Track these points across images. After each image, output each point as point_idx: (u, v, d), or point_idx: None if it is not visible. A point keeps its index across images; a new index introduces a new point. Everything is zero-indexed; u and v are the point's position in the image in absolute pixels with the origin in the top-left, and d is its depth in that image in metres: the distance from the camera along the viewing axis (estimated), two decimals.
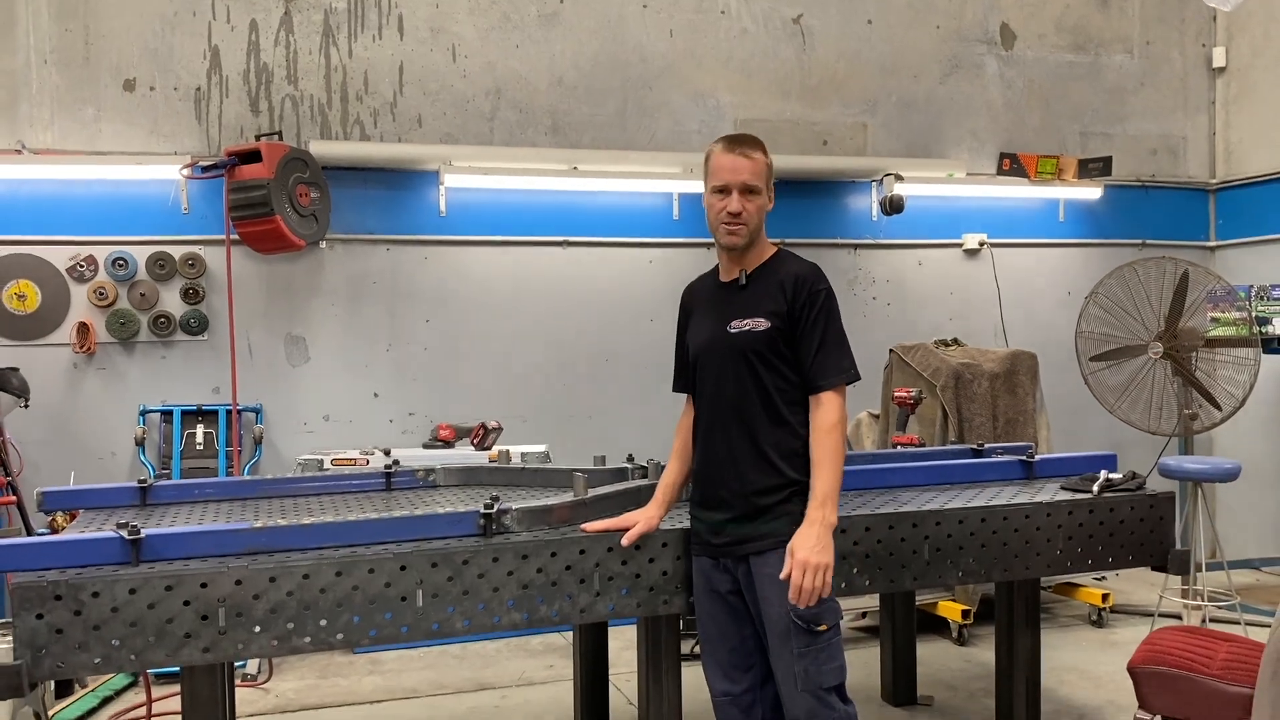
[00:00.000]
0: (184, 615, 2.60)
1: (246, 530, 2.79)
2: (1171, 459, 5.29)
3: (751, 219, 2.88)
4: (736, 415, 2.88)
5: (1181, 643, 3.27)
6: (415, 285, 5.80)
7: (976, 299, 6.76)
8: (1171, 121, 7.21)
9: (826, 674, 2.79)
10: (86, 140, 5.32)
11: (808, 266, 2.92)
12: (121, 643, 2.56)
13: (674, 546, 3.03)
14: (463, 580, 2.81)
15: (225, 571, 2.64)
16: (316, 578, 2.70)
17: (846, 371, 2.84)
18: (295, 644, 2.70)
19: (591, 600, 2.95)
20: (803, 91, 6.42)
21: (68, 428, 5.31)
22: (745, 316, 2.87)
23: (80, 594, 2.53)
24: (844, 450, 2.80)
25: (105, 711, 4.54)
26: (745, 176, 2.85)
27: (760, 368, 2.85)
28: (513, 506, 3.00)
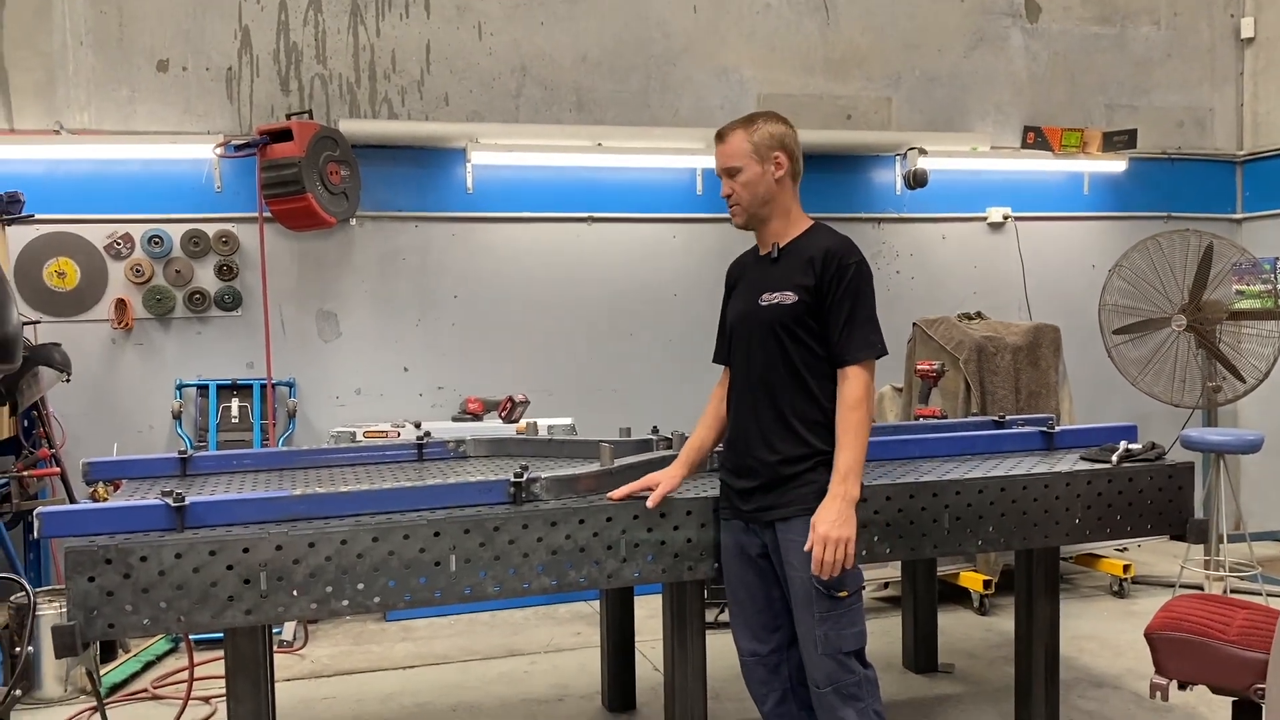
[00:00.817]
0: (227, 579, 2.71)
1: (286, 498, 2.90)
2: (1194, 431, 5.31)
3: (741, 197, 2.94)
4: (764, 386, 2.95)
5: (1199, 609, 3.32)
6: (443, 261, 5.89)
7: (1000, 273, 6.77)
8: (1198, 93, 7.17)
9: (846, 638, 2.86)
10: (122, 120, 5.43)
11: (838, 240, 2.94)
12: (168, 605, 2.67)
13: (699, 514, 3.10)
14: (494, 546, 2.91)
15: (266, 537, 2.74)
16: (354, 543, 2.80)
17: (874, 346, 2.86)
18: (334, 607, 2.81)
19: (618, 566, 3.03)
20: (826, 66, 6.44)
21: (107, 402, 5.45)
22: (775, 290, 2.92)
23: (129, 558, 2.64)
24: (869, 425, 2.84)
25: (147, 675, 4.69)
26: (722, 161, 2.97)
27: (787, 340, 2.90)
28: (542, 475, 3.09)
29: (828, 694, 2.87)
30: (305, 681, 4.65)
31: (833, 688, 2.86)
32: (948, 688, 4.42)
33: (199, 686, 4.22)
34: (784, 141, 2.95)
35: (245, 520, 2.84)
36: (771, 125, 2.95)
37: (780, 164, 2.93)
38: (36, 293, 5.32)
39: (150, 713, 4.31)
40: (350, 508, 2.93)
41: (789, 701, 3.07)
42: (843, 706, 2.86)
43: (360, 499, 2.94)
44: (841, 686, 2.86)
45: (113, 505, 2.85)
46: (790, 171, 2.96)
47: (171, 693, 4.46)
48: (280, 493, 2.95)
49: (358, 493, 2.95)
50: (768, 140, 2.93)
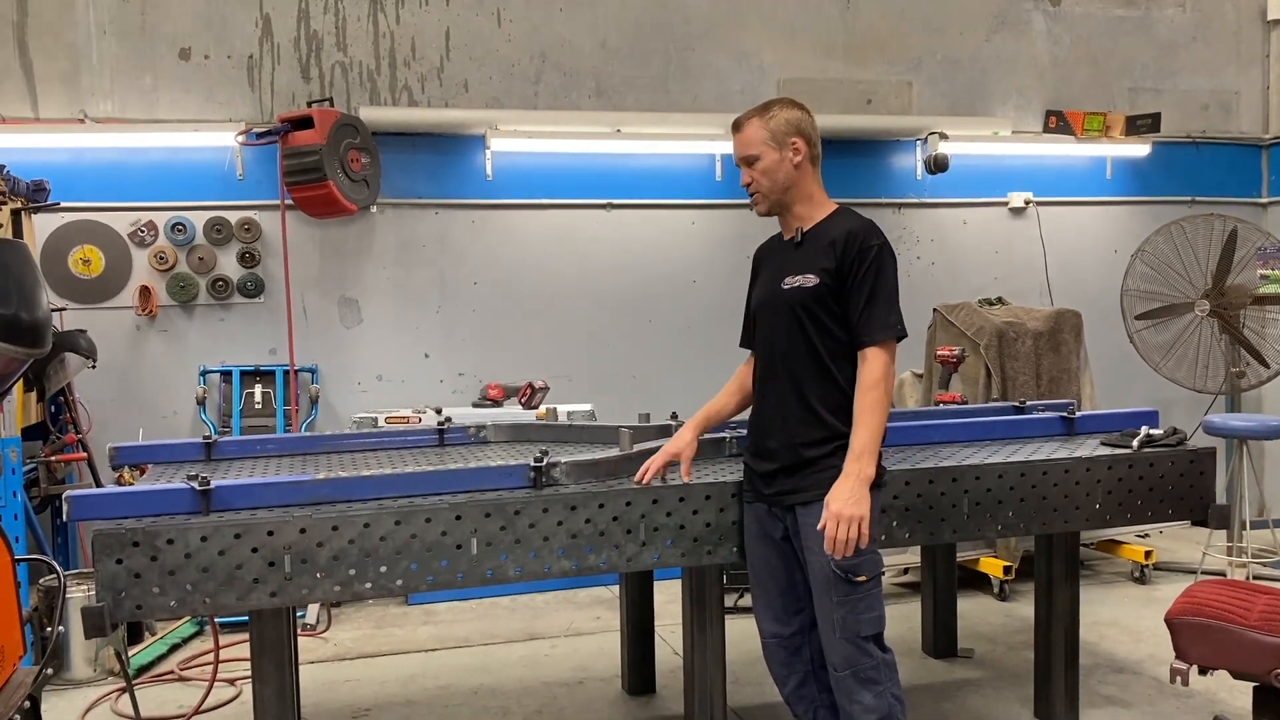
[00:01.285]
0: (252, 562, 2.75)
1: (310, 481, 2.93)
2: (1217, 416, 5.28)
3: (761, 185, 2.95)
4: (785, 369, 2.96)
5: (1219, 594, 3.31)
6: (463, 248, 5.91)
7: (1022, 258, 6.74)
8: (1224, 76, 7.09)
9: (864, 623, 2.87)
10: (145, 109, 5.47)
11: (860, 223, 2.93)
12: (194, 587, 2.71)
13: (717, 498, 3.12)
14: (514, 530, 2.93)
15: (290, 520, 2.77)
16: (376, 526, 2.83)
17: (893, 327, 2.85)
18: (357, 589, 2.84)
19: (638, 550, 3.06)
20: (846, 50, 6.41)
21: (132, 388, 5.51)
22: (797, 273, 2.93)
23: (156, 541, 2.68)
24: (886, 406, 2.84)
25: (173, 658, 4.76)
26: (739, 150, 2.98)
27: (809, 323, 2.90)
28: (562, 460, 3.11)
29: (845, 677, 2.89)
30: (328, 664, 4.70)
31: (850, 671, 2.88)
32: (967, 672, 4.43)
33: (224, 669, 4.27)
34: (800, 126, 2.94)
35: (269, 504, 2.88)
36: (787, 111, 2.95)
37: (798, 149, 2.93)
38: (62, 280, 5.38)
39: (176, 694, 4.37)
40: (373, 491, 2.96)
41: (810, 684, 3.10)
42: (860, 690, 2.88)
43: (383, 483, 2.98)
44: (859, 670, 2.87)
45: (139, 489, 2.89)
46: (809, 156, 2.95)
47: (197, 674, 4.53)
48: (304, 476, 2.98)
49: (380, 476, 2.98)
50: (784, 126, 2.93)
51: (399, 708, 4.18)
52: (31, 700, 2.20)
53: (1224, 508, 3.61)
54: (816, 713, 3.12)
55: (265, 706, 3.02)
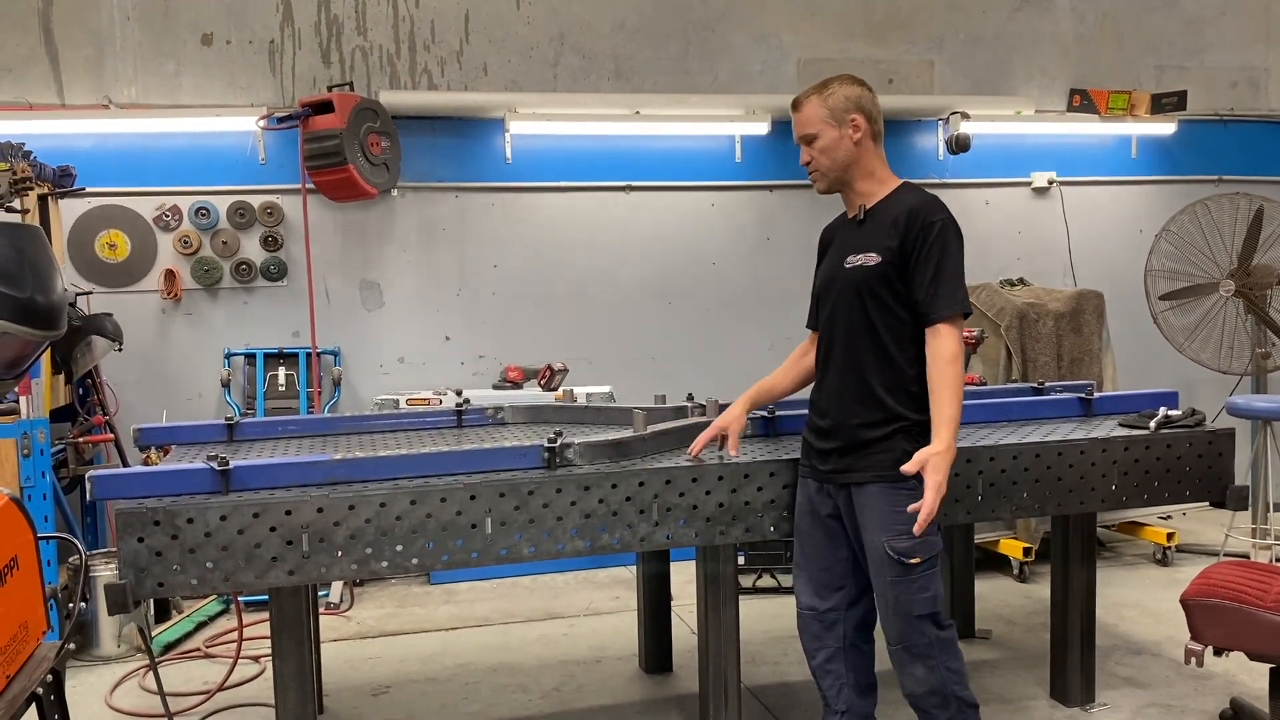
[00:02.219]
0: (270, 540, 2.79)
1: (327, 461, 2.97)
2: (1241, 398, 5.23)
3: (820, 163, 2.94)
4: (846, 349, 2.97)
5: (1236, 576, 3.29)
6: (483, 231, 5.94)
7: (1045, 238, 6.69)
8: (1253, 53, 6.99)
9: (917, 603, 2.89)
10: (168, 94, 5.53)
11: (924, 198, 2.91)
12: (214, 565, 2.76)
13: (729, 480, 3.13)
14: (528, 509, 2.96)
15: (308, 500, 2.82)
16: (393, 506, 2.87)
17: (960, 302, 2.85)
18: (374, 568, 2.88)
19: (651, 530, 3.08)
20: (867, 30, 6.37)
21: (158, 370, 5.59)
22: (859, 252, 2.92)
23: (176, 520, 2.73)
24: (963, 380, 2.85)
25: (200, 635, 4.84)
26: (798, 129, 2.97)
27: (871, 302, 2.90)
28: (575, 441, 3.13)
29: (898, 650, 2.96)
30: (351, 642, 4.77)
31: (902, 645, 2.94)
32: (985, 653, 4.42)
33: (248, 646, 4.34)
34: (860, 103, 2.92)
35: (287, 483, 2.92)
36: (847, 88, 2.93)
37: (858, 126, 2.91)
38: (89, 264, 5.46)
39: (202, 670, 4.45)
40: (389, 471, 3.00)
41: (839, 660, 3.14)
42: (912, 663, 2.94)
43: (398, 463, 3.01)
44: (911, 645, 2.93)
45: (161, 469, 2.94)
46: (870, 133, 2.93)
47: (222, 652, 4.60)
48: (321, 456, 3.02)
49: (396, 457, 3.02)
50: (843, 103, 2.90)
51: (418, 685, 4.24)
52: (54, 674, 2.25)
53: (1242, 489, 3.58)
54: (841, 690, 3.15)
55: (285, 683, 3.07)
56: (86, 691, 4.23)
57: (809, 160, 2.97)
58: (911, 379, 2.89)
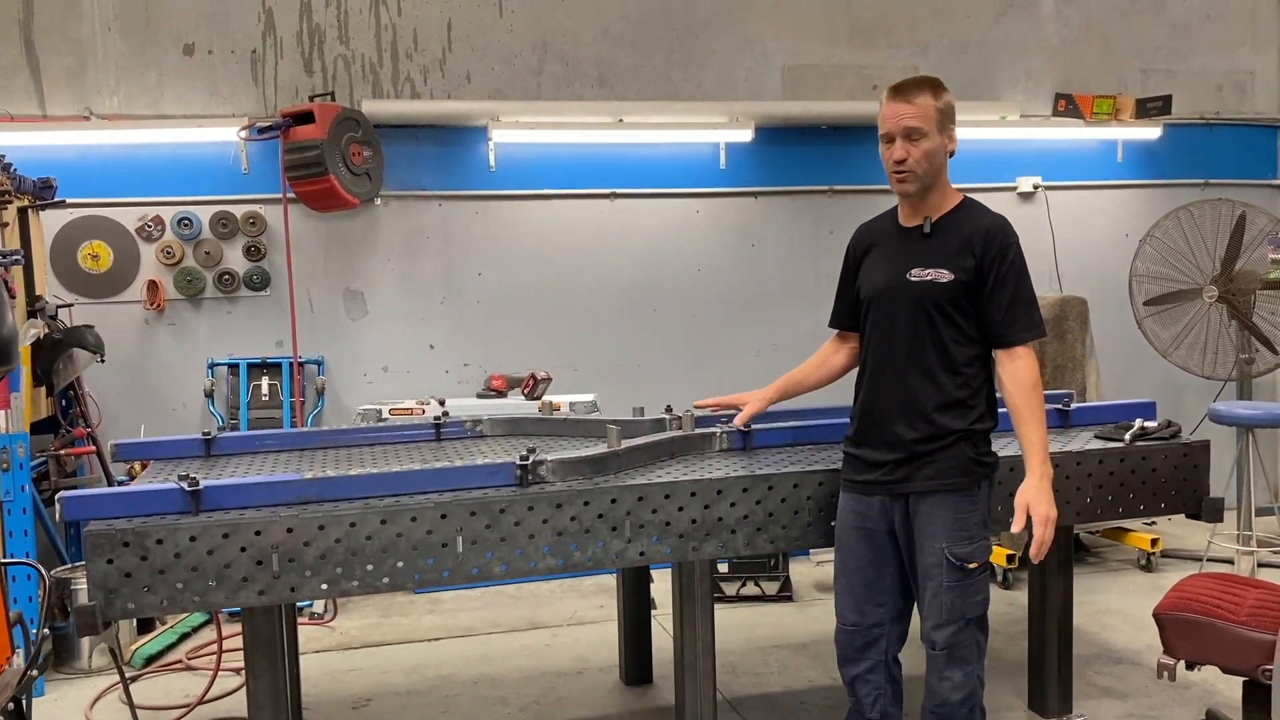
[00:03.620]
0: (240, 561, 2.80)
1: (298, 481, 2.97)
2: (1223, 405, 5.24)
3: (919, 164, 2.84)
4: (908, 362, 2.93)
5: (1210, 589, 3.30)
6: (467, 239, 5.94)
7: (1030, 243, 6.47)
8: (1238, 56, 6.98)
9: (971, 605, 2.93)
10: (150, 104, 5.52)
11: (998, 221, 2.91)
12: (185, 585, 2.77)
13: (703, 495, 3.13)
14: (500, 528, 2.96)
15: (278, 520, 2.82)
16: (363, 525, 2.87)
17: (1038, 327, 2.89)
18: (344, 587, 2.89)
19: (624, 546, 3.08)
20: (852, 35, 6.36)
21: (142, 381, 5.59)
22: (928, 266, 2.88)
23: (146, 541, 2.74)
24: (1044, 407, 2.88)
25: (182, 647, 4.84)
26: (906, 121, 2.82)
27: (939, 319, 2.88)
28: (548, 458, 3.13)
29: (941, 655, 2.96)
30: (333, 654, 4.77)
31: (947, 650, 2.94)
32: None
33: (230, 658, 4.34)
34: (955, 116, 2.91)
35: (258, 503, 2.92)
36: (949, 94, 2.89)
37: (953, 138, 2.90)
38: (71, 275, 5.46)
39: (184, 683, 4.45)
40: (360, 491, 3.00)
41: (879, 672, 3.11)
42: (951, 668, 2.95)
43: (369, 482, 3.01)
44: (955, 649, 2.94)
45: (131, 490, 2.95)
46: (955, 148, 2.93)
47: (204, 664, 4.61)
48: (291, 476, 3.02)
49: (367, 476, 3.02)
50: (949, 110, 2.88)
51: (399, 698, 4.24)
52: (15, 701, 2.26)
53: (1217, 501, 3.59)
54: (878, 700, 3.12)
55: (259, 701, 3.07)
56: (67, 705, 4.24)
57: (905, 157, 2.83)
58: (973, 392, 2.91)
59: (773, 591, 5.33)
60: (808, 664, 4.44)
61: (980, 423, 2.91)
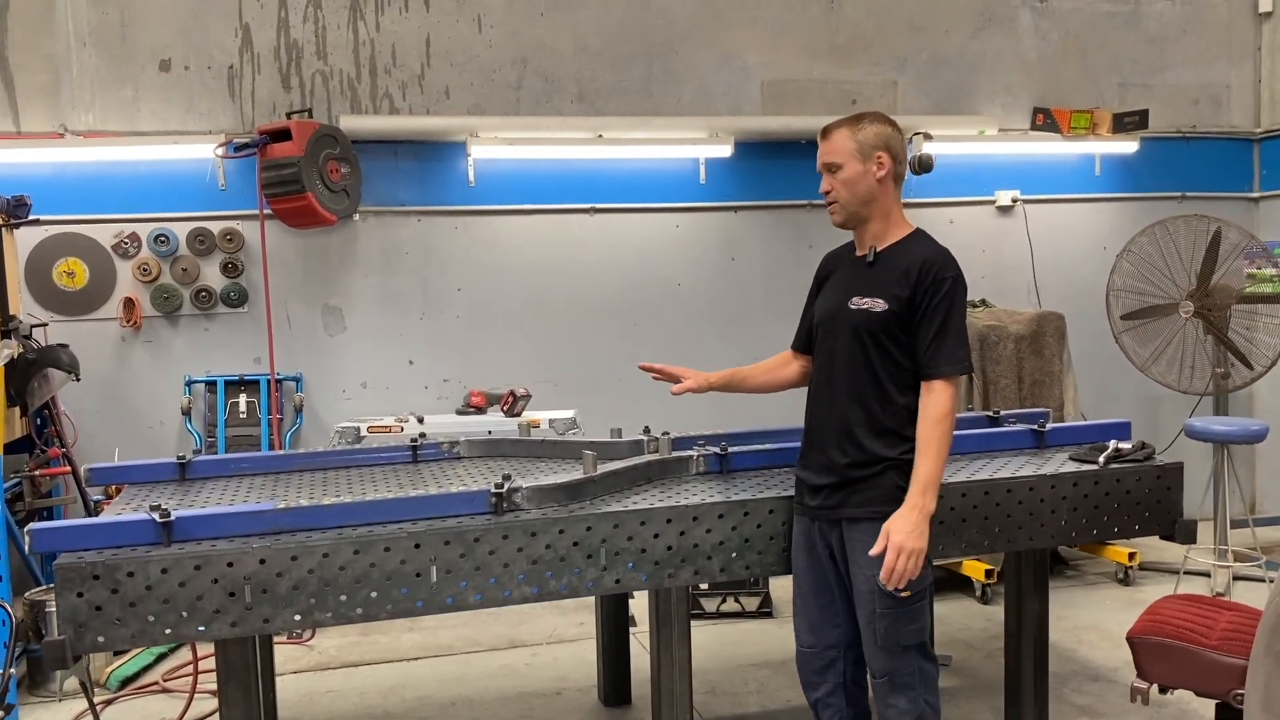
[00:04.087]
0: (212, 592, 2.78)
1: (270, 511, 2.95)
2: (1199, 420, 5.27)
3: (840, 193, 2.95)
4: (843, 388, 2.99)
5: (1183, 612, 3.32)
6: (447, 255, 5.92)
7: (1009, 257, 6.71)
8: (1214, 70, 7.03)
9: (906, 634, 2.93)
10: (126, 120, 5.49)
11: (937, 251, 2.94)
12: (156, 618, 2.75)
13: (679, 521, 3.13)
14: (474, 557, 2.95)
15: (250, 551, 2.80)
16: (336, 556, 2.86)
17: (961, 363, 2.89)
18: (317, 618, 2.87)
19: (599, 574, 3.07)
20: (831, 50, 6.38)
21: (118, 399, 5.55)
22: (866, 295, 2.95)
23: (116, 574, 2.71)
24: (950, 440, 2.87)
25: (159, 668, 4.81)
26: (824, 157, 2.98)
27: (872, 347, 2.93)
28: (523, 485, 3.13)
29: (883, 683, 2.98)
30: (311, 674, 4.75)
31: (888, 677, 2.96)
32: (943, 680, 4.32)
33: (207, 679, 4.32)
34: (888, 142, 2.95)
35: (231, 533, 2.91)
36: (877, 125, 2.95)
37: (882, 164, 2.93)
38: (47, 293, 5.42)
39: (160, 706, 4.42)
40: (333, 520, 2.98)
41: (839, 694, 3.14)
42: (894, 694, 2.97)
43: (343, 511, 3.00)
44: (896, 676, 2.96)
45: (101, 521, 2.92)
46: (893, 173, 2.96)
47: (181, 686, 4.57)
48: (265, 506, 3.00)
49: (340, 505, 3.00)
50: (872, 139, 2.93)
51: None
52: None
53: (1190, 523, 3.61)
54: None
55: None
56: None
57: (829, 190, 2.98)
58: (905, 421, 2.93)
59: (753, 608, 5.34)
60: (786, 683, 4.43)
61: (912, 454, 2.91)
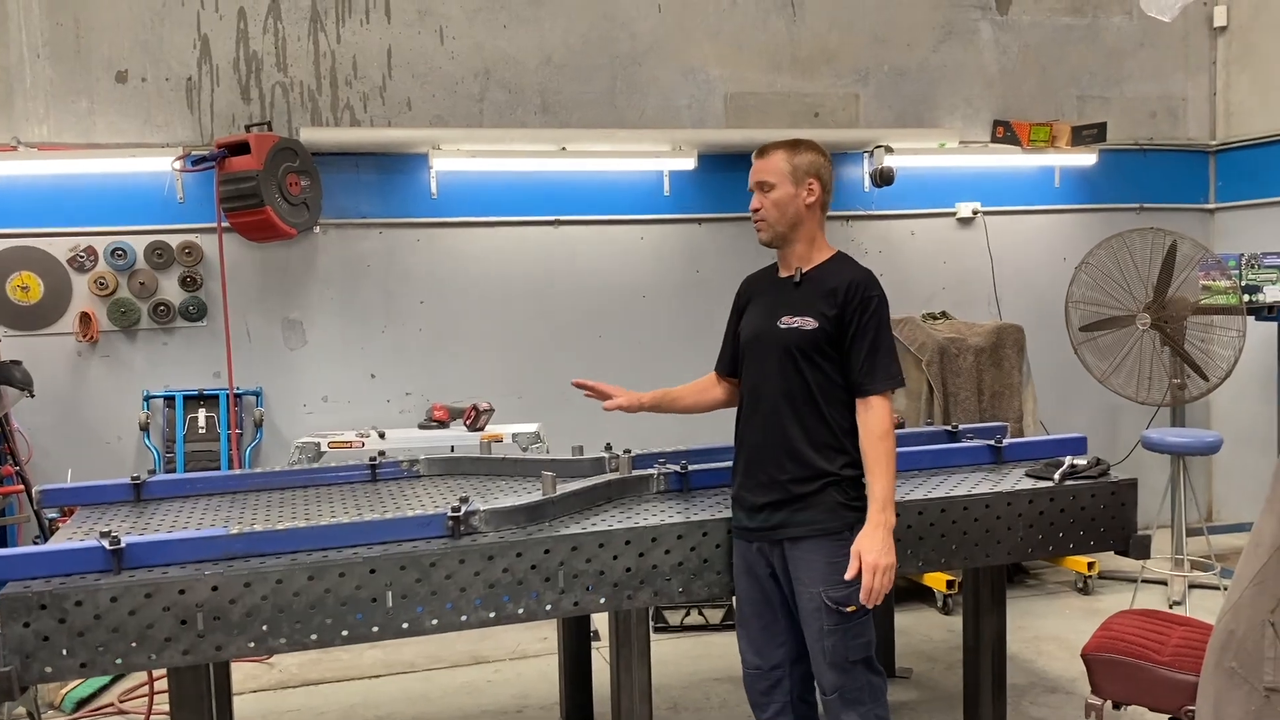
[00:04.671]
0: (164, 620, 2.74)
1: (223, 536, 2.92)
2: (1155, 432, 5.34)
3: (769, 212, 3.04)
4: (777, 407, 3.04)
5: (1136, 628, 3.36)
6: (409, 267, 5.89)
7: (970, 268, 6.77)
8: (1171, 83, 7.13)
9: (853, 649, 2.97)
10: (82, 133, 5.42)
11: (862, 272, 3.04)
12: (105, 647, 2.71)
13: (637, 543, 3.13)
14: (430, 582, 2.94)
15: (202, 578, 2.77)
16: (290, 582, 2.83)
17: (895, 378, 2.98)
18: (271, 645, 2.84)
19: (558, 597, 3.07)
20: (794, 63, 6.41)
21: (75, 415, 5.47)
22: (795, 314, 3.02)
23: (64, 603, 2.67)
24: (895, 454, 2.95)
25: (116, 688, 4.74)
26: (757, 175, 3.07)
27: (804, 364, 2.99)
28: (480, 508, 3.11)
29: (833, 700, 3.00)
30: (271, 693, 4.70)
31: (837, 694, 2.99)
32: (903, 694, 4.47)
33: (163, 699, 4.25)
34: (820, 171, 3.06)
35: (183, 560, 2.87)
36: (813, 154, 3.07)
37: (813, 190, 3.05)
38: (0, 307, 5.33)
39: None
40: (287, 545, 2.95)
41: (787, 714, 3.17)
42: (845, 710, 3.00)
43: (297, 536, 2.97)
44: (845, 692, 2.99)
45: (49, 549, 2.87)
46: (820, 201, 3.08)
47: (138, 708, 4.51)
48: (217, 531, 2.97)
49: (294, 530, 2.97)
50: (806, 165, 3.05)
51: None
52: None
53: (1145, 538, 3.65)
54: None
55: None
56: None
57: (759, 207, 3.05)
58: (840, 435, 2.99)
59: (716, 620, 5.34)
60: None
61: (849, 468, 2.99)
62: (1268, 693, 2.59)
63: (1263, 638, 2.62)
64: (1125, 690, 3.18)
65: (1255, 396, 6.69)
